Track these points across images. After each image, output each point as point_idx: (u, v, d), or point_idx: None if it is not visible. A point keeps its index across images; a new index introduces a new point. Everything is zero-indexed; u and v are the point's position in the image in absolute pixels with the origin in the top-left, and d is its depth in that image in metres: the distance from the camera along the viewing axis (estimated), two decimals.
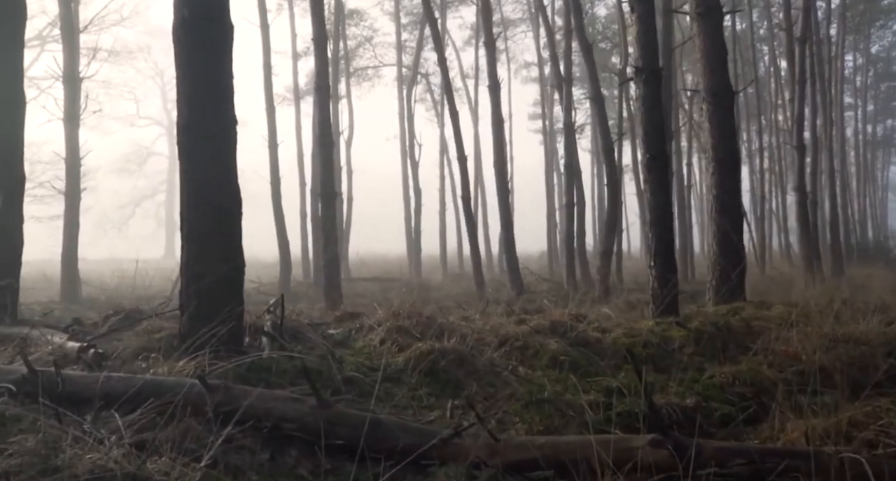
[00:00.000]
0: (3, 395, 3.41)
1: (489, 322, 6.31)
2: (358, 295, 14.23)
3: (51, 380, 3.54)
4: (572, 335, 5.32)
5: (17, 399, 3.52)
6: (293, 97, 24.57)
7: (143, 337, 5.37)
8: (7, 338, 5.49)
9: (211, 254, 4.68)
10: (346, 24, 26.79)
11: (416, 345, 4.98)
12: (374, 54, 32.00)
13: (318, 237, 17.97)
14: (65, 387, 3.54)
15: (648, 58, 6.22)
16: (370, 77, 33.21)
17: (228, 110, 4.79)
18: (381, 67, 32.75)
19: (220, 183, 4.72)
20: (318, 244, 17.90)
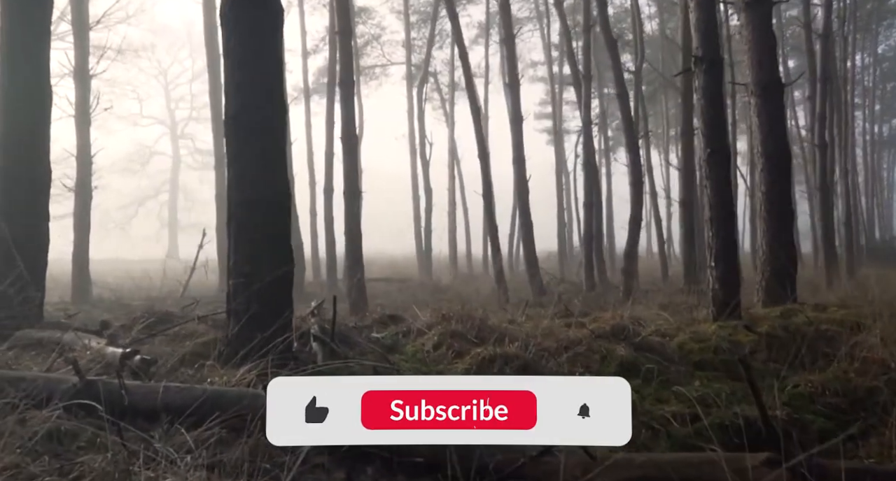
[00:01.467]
0: (59, 408, 3.12)
1: (538, 325, 6.04)
2: (372, 296, 13.94)
3: (107, 391, 3.26)
4: (636, 340, 5.04)
5: (69, 411, 3.24)
6: (303, 95, 24.29)
7: (184, 342, 5.11)
8: (38, 342, 5.21)
9: (262, 254, 4.41)
10: (355, 21, 26.48)
11: (475, 350, 4.71)
12: (382, 53, 31.70)
13: (330, 236, 17.71)
14: (118, 398, 3.26)
15: (709, 46, 5.94)
16: (377, 76, 32.93)
17: (279, 98, 4.53)
18: (389, 66, 32.48)
19: (270, 176, 4.45)
20: (330, 243, 17.63)
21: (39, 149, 6.35)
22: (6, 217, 6.03)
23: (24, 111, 6.22)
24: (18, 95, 6.23)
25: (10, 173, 6.17)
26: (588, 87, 16.53)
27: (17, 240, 5.93)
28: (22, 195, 6.16)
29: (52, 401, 3.13)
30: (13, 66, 6.20)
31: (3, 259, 5.87)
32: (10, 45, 6.22)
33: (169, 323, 6.37)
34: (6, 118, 6.25)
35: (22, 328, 5.59)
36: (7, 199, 6.16)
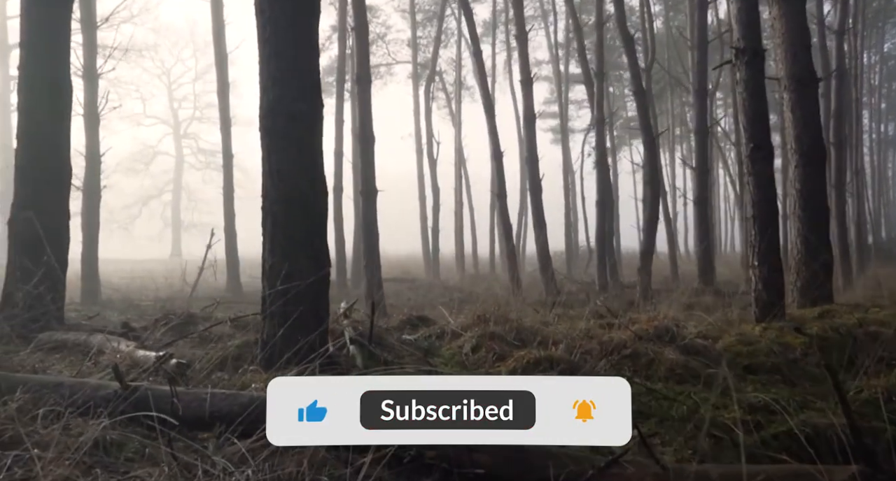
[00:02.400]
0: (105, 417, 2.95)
1: (574, 326, 5.87)
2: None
3: (148, 397, 3.09)
4: (682, 343, 4.87)
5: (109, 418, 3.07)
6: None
7: (210, 344, 4.94)
8: (63, 344, 5.04)
9: (300, 253, 4.24)
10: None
11: (518, 353, 4.54)
12: (387, 51, 31.53)
13: (339, 236, 17.54)
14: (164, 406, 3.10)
15: (751, 37, 5.75)
16: (382, 75, 32.75)
17: (316, 91, 4.35)
18: (394, 65, 32.33)
19: (307, 171, 4.28)
20: (339, 243, 17.47)
21: (59, 145, 6.18)
22: (23, 214, 5.86)
23: (45, 106, 6.06)
24: (39, 90, 6.07)
25: (29, 169, 6.01)
26: (601, 85, 16.38)
27: (34, 237, 5.76)
28: (41, 192, 5.99)
29: (96, 409, 2.96)
30: (34, 60, 6.04)
31: (27, 257, 5.70)
32: (31, 39, 6.07)
33: (192, 324, 6.22)
34: (26, 113, 6.09)
35: (45, 329, 5.43)
36: (26, 196, 5.99)
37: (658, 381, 4.36)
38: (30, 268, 5.63)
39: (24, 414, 2.81)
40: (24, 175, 6.02)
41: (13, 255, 5.85)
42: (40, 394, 3.10)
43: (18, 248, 5.83)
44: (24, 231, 5.80)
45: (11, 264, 5.85)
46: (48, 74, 6.09)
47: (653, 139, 13.12)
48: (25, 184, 6.01)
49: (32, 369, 4.33)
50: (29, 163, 6.00)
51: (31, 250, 5.72)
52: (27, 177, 6.01)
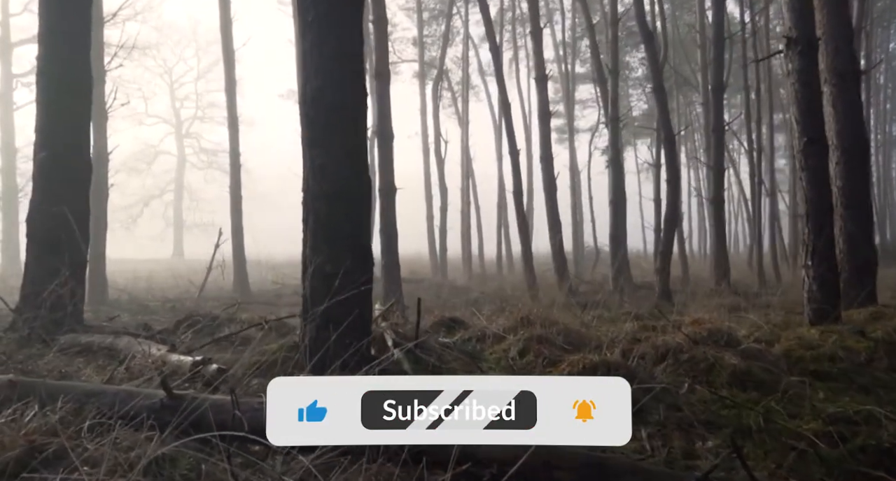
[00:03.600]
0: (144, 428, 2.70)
1: (615, 328, 5.63)
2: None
3: (208, 409, 2.85)
4: (739, 347, 4.63)
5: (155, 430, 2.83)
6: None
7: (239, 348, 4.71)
8: (88, 348, 4.80)
9: (345, 252, 4.00)
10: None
11: (570, 358, 4.29)
12: (392, 50, 31.24)
13: None
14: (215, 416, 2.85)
15: (804, 26, 5.51)
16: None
17: (361, 80, 4.12)
18: (399, 63, 32.10)
19: (352, 165, 4.04)
20: None
21: (79, 139, 5.94)
22: (42, 211, 5.62)
23: (64, 99, 5.82)
24: (58, 82, 5.82)
25: (48, 165, 5.76)
26: (615, 82, 16.15)
27: (53, 235, 5.51)
28: (61, 189, 5.74)
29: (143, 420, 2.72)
30: (53, 51, 5.80)
31: (46, 256, 5.45)
32: (50, 29, 5.82)
33: (217, 326, 5.99)
34: (45, 106, 5.84)
35: (67, 332, 5.19)
36: (45, 193, 5.75)
37: (721, 388, 4.12)
38: (49, 267, 5.38)
39: (67, 427, 2.56)
40: (42, 171, 5.77)
41: (31, 255, 5.61)
42: (79, 403, 2.86)
43: (37, 247, 5.59)
44: (42, 229, 5.55)
45: (29, 264, 5.60)
46: (68, 65, 5.85)
47: (672, 137, 12.87)
48: (44, 181, 5.76)
49: (60, 374, 4.09)
50: (48, 158, 5.75)
51: (50, 249, 5.47)
52: (46, 173, 5.76)
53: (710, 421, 3.67)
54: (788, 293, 12.46)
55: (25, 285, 5.60)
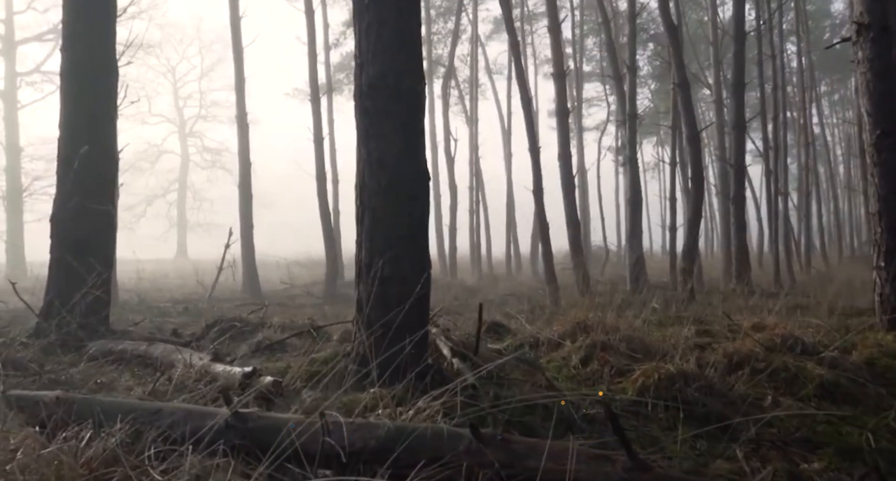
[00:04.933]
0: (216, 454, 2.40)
1: (671, 333, 5.34)
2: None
3: (265, 428, 2.56)
4: (818, 354, 4.33)
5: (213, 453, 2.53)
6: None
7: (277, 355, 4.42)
8: (121, 355, 4.50)
9: (403, 252, 3.70)
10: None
11: (641, 367, 3.99)
12: None
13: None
14: (283, 438, 2.56)
15: (877, 11, 5.21)
16: None
17: (421, 66, 3.82)
18: None
19: (412, 158, 3.74)
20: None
21: (105, 133, 5.64)
22: (68, 210, 5.32)
23: (90, 91, 5.53)
24: (83, 74, 5.53)
25: (74, 162, 5.45)
26: (633, 79, 15.84)
27: (80, 236, 5.21)
28: (87, 186, 5.44)
29: (202, 441, 2.43)
30: (78, 40, 5.51)
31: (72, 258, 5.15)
32: (75, 17, 5.52)
33: (249, 331, 5.69)
34: (70, 99, 5.55)
35: (95, 337, 4.89)
36: (71, 191, 5.45)
37: (809, 402, 3.82)
38: (75, 269, 5.08)
39: (129, 453, 2.27)
40: (67, 168, 5.47)
41: (56, 256, 5.31)
42: (137, 423, 2.56)
43: (62, 248, 5.29)
44: (67, 229, 5.25)
45: (54, 266, 5.30)
46: (93, 56, 5.55)
47: (697, 134, 12.59)
48: (69, 178, 5.45)
49: (96, 385, 3.79)
50: (72, 155, 5.45)
51: (76, 250, 5.17)
52: (71, 170, 5.45)
53: (808, 439, 3.37)
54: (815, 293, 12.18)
55: (50, 289, 5.30)
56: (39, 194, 26.21)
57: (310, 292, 15.96)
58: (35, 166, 25.95)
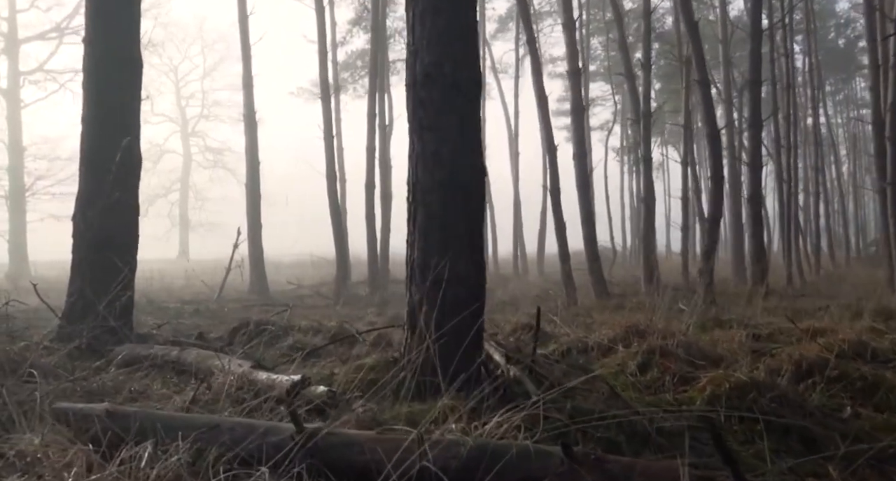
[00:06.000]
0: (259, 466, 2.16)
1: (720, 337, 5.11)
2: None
3: (334, 446, 2.33)
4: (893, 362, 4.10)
5: (278, 474, 2.29)
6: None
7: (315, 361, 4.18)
8: (151, 361, 4.25)
9: (459, 251, 3.47)
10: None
11: (708, 374, 3.76)
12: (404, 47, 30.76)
13: (371, 235, 16.76)
14: (351, 456, 2.33)
15: None
16: (399, 71, 32.02)
17: (477, 55, 3.59)
18: None
19: (469, 152, 3.51)
20: (371, 242, 16.70)
21: (129, 128, 5.39)
22: (90, 208, 5.08)
23: (114, 85, 5.29)
24: (107, 66, 5.30)
25: (96, 157, 5.22)
26: (647, 77, 15.64)
27: (104, 235, 4.97)
28: (110, 181, 5.19)
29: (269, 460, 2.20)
30: (101, 32, 5.27)
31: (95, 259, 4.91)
32: (99, 8, 5.28)
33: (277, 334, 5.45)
34: (94, 92, 5.32)
35: (119, 341, 4.65)
36: (94, 187, 5.20)
37: (894, 413, 3.58)
38: (98, 269, 4.84)
39: (194, 475, 2.03)
40: (90, 164, 5.23)
41: (79, 256, 5.07)
42: (194, 439, 2.33)
43: (85, 248, 5.06)
44: (90, 228, 5.01)
45: (77, 266, 5.06)
46: (118, 47, 5.32)
47: (717, 133, 12.33)
48: (92, 175, 5.22)
49: (130, 393, 3.55)
50: (97, 150, 5.21)
51: (99, 249, 4.93)
52: (94, 166, 5.22)
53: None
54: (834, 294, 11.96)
55: (73, 290, 5.06)
56: (42, 194, 26.01)
57: (319, 292, 15.72)
58: (38, 165, 25.74)
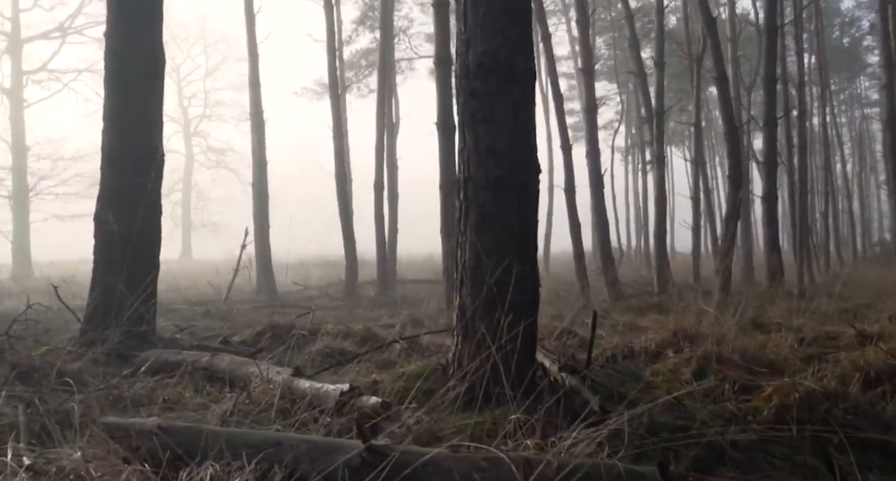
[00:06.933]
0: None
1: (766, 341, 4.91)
2: (418, 300, 12.57)
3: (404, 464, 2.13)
4: None
5: None
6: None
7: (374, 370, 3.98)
8: (179, 367, 4.04)
9: (514, 253, 3.27)
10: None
11: (772, 383, 3.56)
12: (409, 45, 30.64)
13: (380, 235, 16.54)
14: (426, 476, 2.13)
15: None
16: (403, 70, 31.84)
17: (531, 43, 3.40)
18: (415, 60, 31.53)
19: (524, 149, 3.32)
20: (380, 242, 16.47)
21: (151, 124, 5.19)
22: (112, 206, 4.87)
23: (137, 80, 5.09)
24: (129, 60, 5.10)
25: (118, 155, 5.01)
26: (661, 75, 15.43)
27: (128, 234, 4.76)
28: (133, 181, 4.99)
29: None
30: (124, 25, 5.07)
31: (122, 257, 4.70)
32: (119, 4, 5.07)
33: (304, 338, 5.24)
34: (115, 87, 5.12)
35: (144, 346, 4.45)
36: (114, 187, 5.00)
37: None
38: (122, 272, 4.63)
39: None
40: (112, 162, 5.03)
41: (100, 258, 4.87)
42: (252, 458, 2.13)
43: (107, 249, 4.85)
44: (112, 229, 4.80)
45: (98, 268, 4.85)
46: (140, 42, 5.12)
47: (735, 130, 12.16)
48: (113, 173, 5.02)
49: (164, 402, 3.35)
50: (120, 147, 5.00)
51: (122, 251, 4.72)
52: (117, 163, 5.01)
53: None
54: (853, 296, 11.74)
55: (94, 295, 4.85)
56: (45, 194, 25.79)
57: (328, 293, 15.50)
58: (41, 165, 25.52)
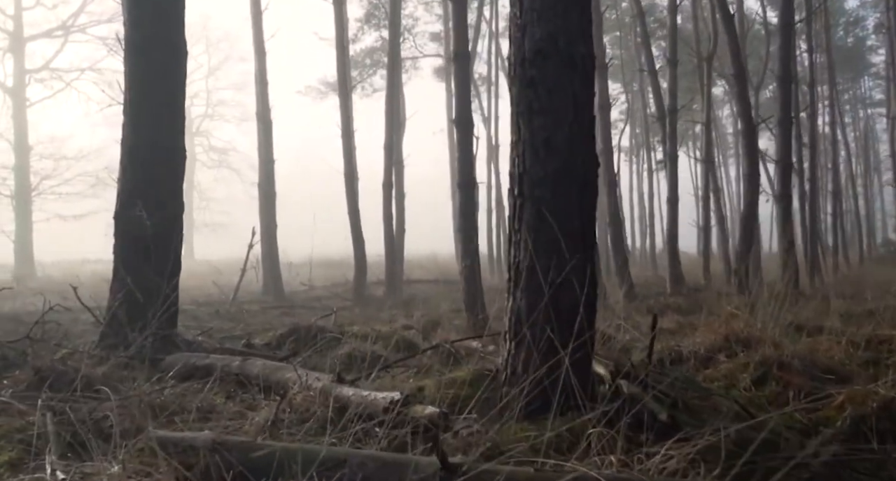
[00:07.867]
0: None
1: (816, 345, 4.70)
2: (425, 299, 12.36)
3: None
4: None
5: None
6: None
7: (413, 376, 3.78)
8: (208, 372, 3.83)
9: (573, 252, 3.06)
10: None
11: (846, 390, 3.34)
12: (414, 44, 30.50)
13: (389, 235, 16.34)
14: None
15: None
16: (407, 69, 31.66)
17: (591, 29, 3.20)
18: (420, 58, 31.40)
19: (584, 142, 3.11)
20: (388, 242, 16.28)
21: (174, 119, 4.98)
22: (135, 203, 4.67)
23: (159, 74, 4.88)
24: (151, 53, 4.89)
25: (140, 151, 4.80)
26: (674, 73, 15.26)
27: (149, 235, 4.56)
28: (154, 178, 4.78)
29: None
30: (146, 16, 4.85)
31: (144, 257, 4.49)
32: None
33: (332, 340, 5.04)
34: (137, 81, 4.91)
35: (169, 350, 4.24)
36: (137, 185, 4.79)
37: None
38: (143, 272, 4.43)
39: None
40: (133, 158, 4.82)
41: (121, 258, 4.66)
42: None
43: (129, 249, 4.64)
44: (134, 228, 4.60)
45: (120, 269, 4.64)
46: (162, 34, 4.90)
47: (753, 128, 11.98)
48: (135, 170, 4.80)
49: (198, 411, 3.14)
50: (141, 144, 4.79)
51: (145, 251, 4.52)
52: (138, 160, 4.80)
53: None
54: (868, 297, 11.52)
55: (116, 295, 4.64)
56: (48, 194, 25.56)
57: (335, 293, 15.31)
58: (44, 165, 25.29)
